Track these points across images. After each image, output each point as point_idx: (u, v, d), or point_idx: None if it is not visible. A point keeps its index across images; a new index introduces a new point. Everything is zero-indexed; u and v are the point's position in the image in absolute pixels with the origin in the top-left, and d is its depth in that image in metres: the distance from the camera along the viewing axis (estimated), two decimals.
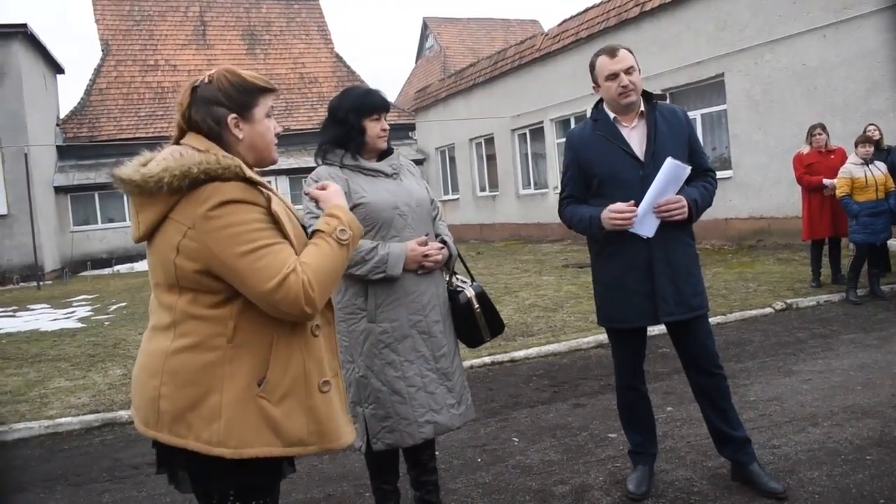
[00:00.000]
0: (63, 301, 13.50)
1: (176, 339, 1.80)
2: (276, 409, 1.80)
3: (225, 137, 1.88)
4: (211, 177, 1.72)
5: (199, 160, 1.73)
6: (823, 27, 10.87)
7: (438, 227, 3.15)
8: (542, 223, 18.17)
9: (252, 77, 1.93)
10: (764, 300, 7.53)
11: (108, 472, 4.25)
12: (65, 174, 22.19)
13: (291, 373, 1.84)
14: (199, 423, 1.76)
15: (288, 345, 1.84)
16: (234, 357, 1.78)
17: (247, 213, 1.74)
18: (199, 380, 1.77)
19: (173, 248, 1.76)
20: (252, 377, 1.79)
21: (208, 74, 1.91)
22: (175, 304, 1.81)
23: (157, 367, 1.81)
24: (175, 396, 1.78)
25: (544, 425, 4.36)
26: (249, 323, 1.80)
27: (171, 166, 1.71)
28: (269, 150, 1.97)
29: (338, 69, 28.08)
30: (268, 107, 1.95)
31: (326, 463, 4.04)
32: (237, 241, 1.71)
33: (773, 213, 11.95)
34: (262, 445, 1.78)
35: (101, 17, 26.50)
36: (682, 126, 3.17)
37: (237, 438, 1.76)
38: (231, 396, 1.77)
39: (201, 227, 1.71)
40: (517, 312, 7.98)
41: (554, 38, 17.49)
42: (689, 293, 3.11)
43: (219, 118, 1.87)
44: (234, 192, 1.74)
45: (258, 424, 1.78)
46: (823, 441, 3.67)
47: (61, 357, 7.52)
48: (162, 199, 1.74)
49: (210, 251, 1.72)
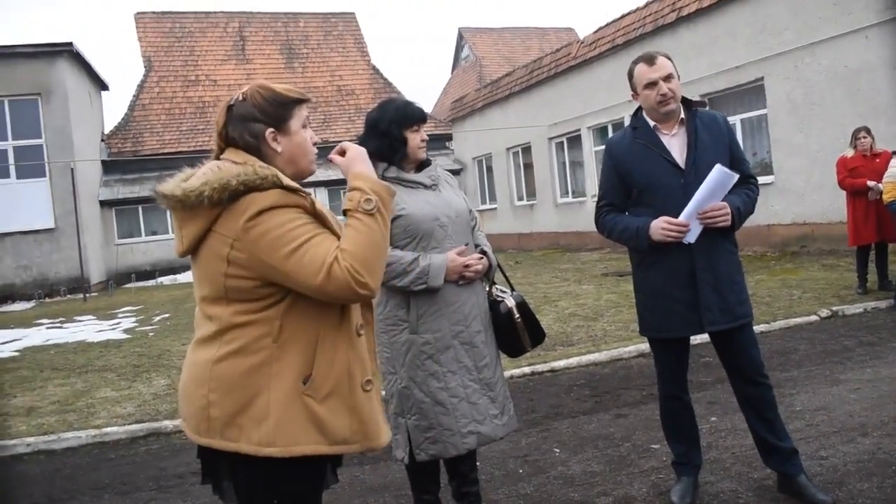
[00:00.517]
0: (108, 312, 13.80)
1: (221, 346, 1.83)
2: (321, 406, 1.83)
3: (264, 152, 1.91)
4: (250, 188, 1.76)
5: (237, 172, 1.77)
6: (865, 28, 10.65)
7: (478, 238, 3.17)
8: (581, 232, 18.06)
9: (284, 90, 1.96)
10: (809, 307, 7.38)
11: (153, 481, 4.33)
12: (109, 188, 22.73)
13: (336, 371, 1.86)
14: (249, 424, 1.79)
15: (333, 343, 1.87)
16: (280, 356, 1.81)
17: (284, 216, 1.77)
18: (246, 382, 1.80)
19: (222, 260, 1.79)
20: (298, 375, 1.82)
21: (242, 92, 1.95)
22: (221, 315, 1.84)
23: (203, 375, 1.84)
24: (224, 402, 1.81)
25: (586, 436, 4.32)
26: (295, 321, 1.83)
27: (210, 179, 1.75)
28: (309, 161, 1.99)
29: (375, 81, 28.34)
30: (303, 117, 1.97)
31: (368, 473, 4.07)
32: (280, 244, 1.74)
33: (817, 219, 11.71)
34: (309, 444, 1.81)
35: (144, 34, 27.17)
36: (722, 133, 3.14)
37: (285, 437, 1.79)
38: (278, 395, 1.80)
39: (244, 237, 1.75)
40: (557, 322, 7.94)
41: (590, 46, 17.43)
42: (734, 301, 3.07)
43: (256, 134, 1.90)
44: (271, 199, 1.77)
45: (305, 423, 1.81)
46: (873, 452, 3.58)
47: (107, 367, 7.69)
48: (203, 213, 1.78)
49: (259, 259, 1.76)
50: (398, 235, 2.95)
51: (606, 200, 3.23)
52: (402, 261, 2.89)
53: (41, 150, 19.54)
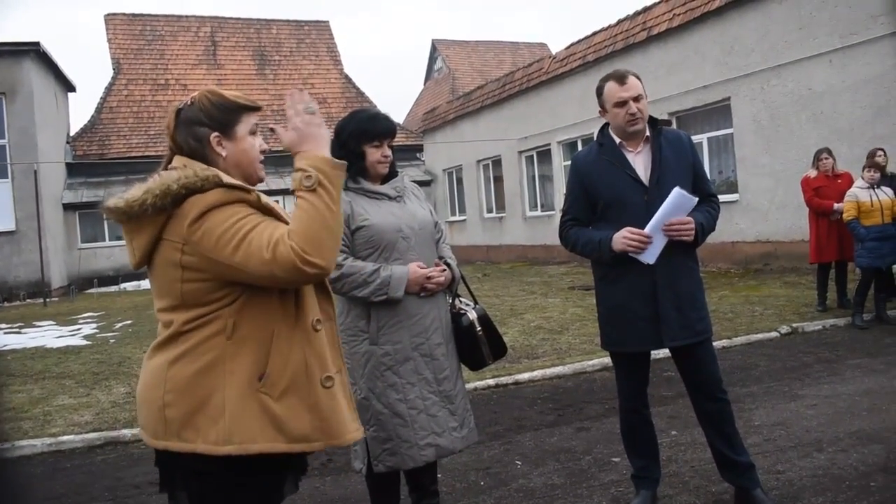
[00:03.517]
0: (69, 318, 13.53)
1: (176, 348, 1.82)
2: (278, 404, 1.81)
3: (209, 156, 1.90)
4: (191, 190, 1.75)
5: (177, 176, 1.76)
6: (829, 52, 10.90)
7: (442, 250, 3.17)
8: (549, 245, 18.17)
9: (234, 96, 1.96)
10: (770, 324, 7.49)
11: (109, 491, 4.24)
12: (73, 191, 22.36)
13: (292, 367, 1.83)
14: (206, 424, 1.77)
15: (288, 339, 1.84)
16: (234, 353, 1.79)
17: (227, 212, 1.76)
18: (201, 381, 1.78)
19: (176, 266, 1.78)
20: (253, 372, 1.80)
21: (191, 97, 1.95)
22: (176, 320, 1.83)
23: (159, 378, 1.82)
24: (180, 402, 1.79)
25: (548, 449, 4.33)
26: (249, 318, 1.81)
27: (151, 187, 1.75)
28: (254, 168, 1.98)
29: (347, 90, 28.30)
30: (251, 124, 1.97)
31: (329, 485, 4.03)
32: (225, 239, 1.72)
33: (780, 237, 11.93)
34: (266, 441, 1.79)
35: (114, 36, 26.84)
36: (686, 152, 3.19)
37: (241, 435, 1.77)
38: (233, 393, 1.78)
39: (192, 240, 1.74)
40: (522, 335, 7.96)
41: (561, 62, 17.60)
42: (694, 317, 3.11)
43: (201, 137, 1.90)
44: (213, 198, 1.76)
45: (261, 420, 1.79)
46: (828, 467, 3.64)
47: (65, 374, 7.54)
48: (150, 222, 1.77)
49: (209, 259, 1.75)
50: (360, 246, 2.94)
51: (571, 215, 3.26)
52: (362, 271, 2.88)
53: (4, 151, 19.16)
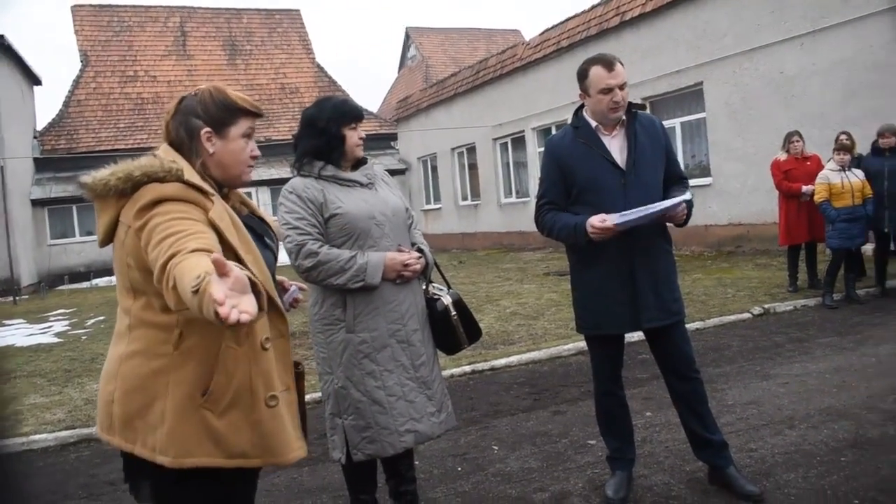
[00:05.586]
0: (40, 316, 13.34)
1: (130, 343, 1.82)
2: (220, 421, 1.79)
3: (196, 149, 1.91)
4: (152, 179, 1.76)
5: (144, 163, 1.78)
6: (800, 36, 11.01)
7: (414, 236, 3.16)
8: (524, 231, 18.22)
9: (238, 97, 1.96)
10: (742, 305, 7.59)
11: (83, 488, 4.19)
12: (42, 187, 21.98)
13: (236, 384, 1.81)
14: (144, 429, 1.77)
15: (234, 356, 1.81)
16: (180, 365, 1.78)
17: (175, 207, 1.73)
18: (146, 386, 1.78)
19: (123, 248, 1.80)
20: (196, 386, 1.78)
21: (198, 88, 1.96)
22: (131, 309, 1.83)
23: (112, 371, 1.84)
24: (125, 401, 1.80)
25: (524, 433, 4.36)
26: (196, 331, 1.78)
27: (117, 170, 1.77)
28: (240, 171, 1.98)
29: (319, 79, 28.07)
30: (246, 128, 1.96)
31: (306, 475, 4.02)
32: (156, 233, 1.68)
33: (752, 220, 12.06)
34: (202, 456, 1.78)
35: (80, 27, 26.34)
36: (659, 136, 3.22)
37: (177, 448, 1.76)
38: (174, 405, 1.77)
39: (134, 224, 1.74)
40: (498, 321, 7.98)
41: (535, 48, 17.60)
42: (669, 299, 3.15)
43: (192, 129, 1.91)
44: (168, 191, 1.75)
45: (200, 435, 1.77)
46: (799, 443, 3.70)
47: (37, 373, 7.43)
48: (112, 203, 1.79)
49: (140, 247, 1.73)
50: (335, 234, 2.92)
51: (548, 199, 3.24)
52: (338, 258, 2.86)
53: None
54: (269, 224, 2.15)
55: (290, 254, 2.89)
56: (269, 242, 2.10)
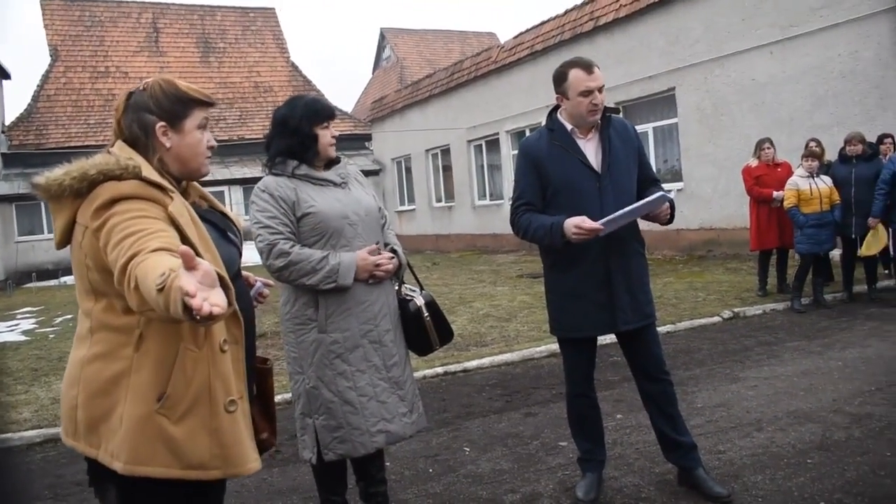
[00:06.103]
0: (6, 314, 13.09)
1: (91, 346, 1.78)
2: (177, 427, 1.73)
3: (152, 145, 1.87)
4: (108, 177, 1.72)
5: (98, 162, 1.73)
6: (771, 44, 11.17)
7: (387, 236, 3.15)
8: (498, 234, 18.27)
9: (187, 88, 1.91)
10: (712, 309, 7.67)
11: (50, 489, 4.12)
12: (9, 182, 21.56)
13: (194, 389, 1.75)
14: (107, 434, 1.73)
15: (193, 358, 1.76)
16: (138, 368, 1.73)
17: (134, 205, 1.70)
18: (108, 389, 1.74)
19: (81, 250, 1.75)
20: (152, 392, 1.72)
21: (144, 82, 1.91)
22: (92, 311, 1.79)
23: (75, 375, 1.79)
24: (88, 406, 1.76)
25: (496, 434, 4.36)
26: (156, 334, 1.74)
27: (71, 170, 1.72)
28: (198, 163, 1.94)
29: (293, 78, 27.88)
30: (201, 119, 1.93)
31: (276, 476, 3.99)
32: (115, 232, 1.65)
33: (723, 224, 12.21)
34: (157, 465, 1.71)
35: (50, 21, 25.90)
36: (632, 140, 3.25)
37: (130, 455, 1.70)
38: (130, 410, 1.71)
39: (92, 225, 1.70)
40: (471, 322, 7.99)
41: (510, 51, 17.65)
42: (643, 301, 3.18)
43: (146, 125, 1.86)
44: (126, 189, 1.71)
45: (155, 443, 1.71)
46: (767, 446, 3.74)
47: (2, 371, 7.30)
48: (68, 204, 1.75)
49: (99, 248, 1.69)
50: (307, 233, 2.90)
51: (524, 200, 3.21)
52: (310, 259, 2.84)
53: None
54: (232, 219, 2.11)
55: (261, 253, 2.87)
56: (233, 237, 2.06)
